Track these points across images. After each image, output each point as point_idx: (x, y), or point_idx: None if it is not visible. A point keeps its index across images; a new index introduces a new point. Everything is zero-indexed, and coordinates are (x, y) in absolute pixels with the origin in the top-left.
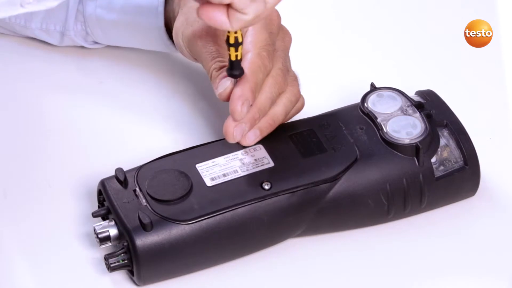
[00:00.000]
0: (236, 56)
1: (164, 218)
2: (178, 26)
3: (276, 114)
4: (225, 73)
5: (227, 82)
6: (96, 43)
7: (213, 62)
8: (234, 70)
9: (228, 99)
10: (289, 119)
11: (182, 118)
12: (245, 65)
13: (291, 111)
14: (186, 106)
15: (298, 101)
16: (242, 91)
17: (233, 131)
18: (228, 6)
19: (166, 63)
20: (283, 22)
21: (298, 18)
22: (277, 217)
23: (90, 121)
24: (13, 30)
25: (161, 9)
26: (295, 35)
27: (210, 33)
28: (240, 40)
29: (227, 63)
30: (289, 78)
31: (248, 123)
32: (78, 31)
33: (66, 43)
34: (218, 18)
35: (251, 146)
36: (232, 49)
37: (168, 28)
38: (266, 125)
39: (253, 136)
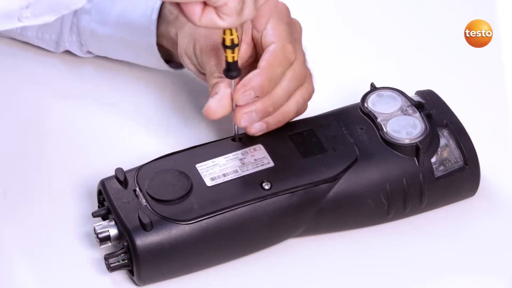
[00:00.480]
0: (233, 57)
1: (164, 218)
2: (183, 47)
3: (288, 111)
4: (215, 91)
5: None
6: (91, 52)
7: (212, 78)
8: (231, 71)
9: (209, 116)
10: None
11: (182, 118)
12: (265, 56)
13: (301, 109)
14: (186, 106)
15: (310, 100)
16: (250, 80)
17: (241, 117)
18: (206, 4)
19: None
20: None
21: (298, 17)
22: (277, 217)
23: (90, 121)
24: (10, 35)
25: (153, 27)
26: None
27: (214, 48)
28: (236, 42)
29: (221, 79)
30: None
31: (259, 114)
32: (73, 42)
33: (62, 50)
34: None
35: (251, 146)
36: (228, 51)
37: (161, 46)
38: (275, 121)
39: (259, 127)
